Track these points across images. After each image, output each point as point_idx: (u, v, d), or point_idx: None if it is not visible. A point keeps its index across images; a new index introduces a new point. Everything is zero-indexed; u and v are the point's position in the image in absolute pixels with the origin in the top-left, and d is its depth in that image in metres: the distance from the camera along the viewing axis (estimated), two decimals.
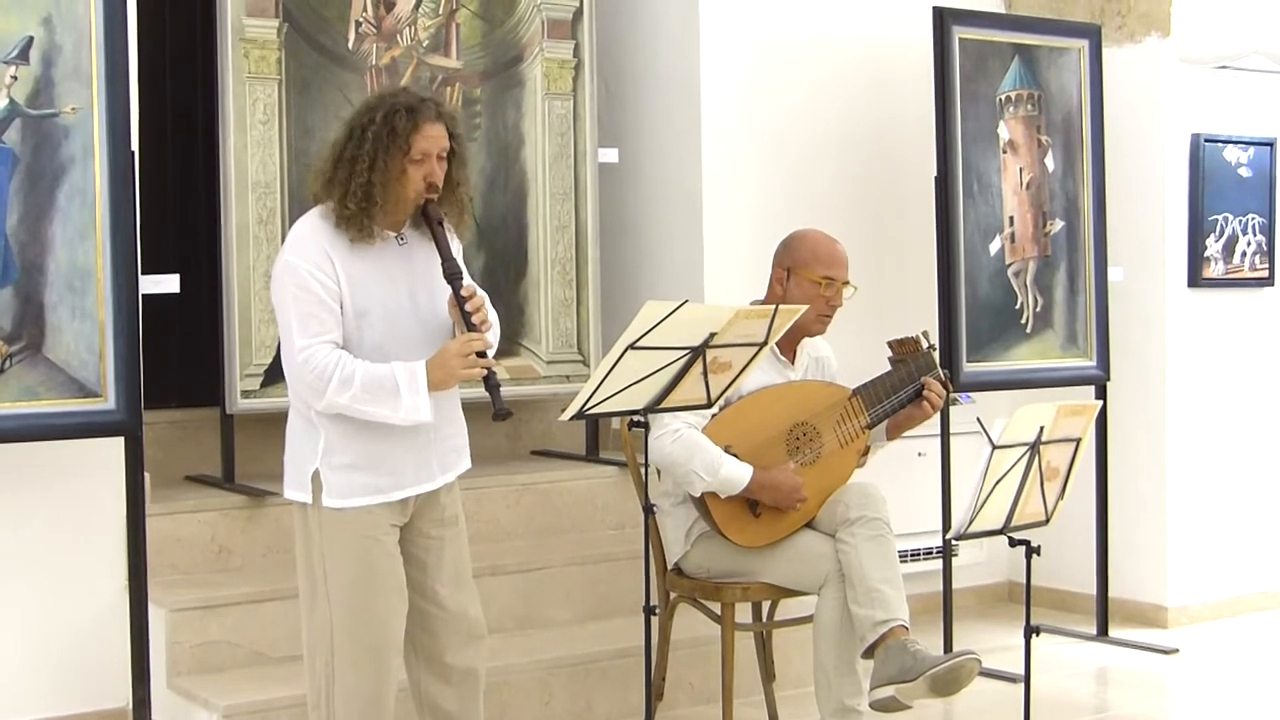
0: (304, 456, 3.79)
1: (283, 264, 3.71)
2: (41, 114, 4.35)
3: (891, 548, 4.43)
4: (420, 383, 3.66)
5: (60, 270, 4.35)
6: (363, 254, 3.72)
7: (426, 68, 5.69)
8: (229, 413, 5.39)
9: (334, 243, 3.70)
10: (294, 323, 3.66)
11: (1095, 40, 6.31)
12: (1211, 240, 6.57)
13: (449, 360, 3.68)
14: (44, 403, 4.33)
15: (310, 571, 3.81)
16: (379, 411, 3.67)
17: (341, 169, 3.71)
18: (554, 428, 6.41)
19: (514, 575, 5.36)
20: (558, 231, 6.01)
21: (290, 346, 3.68)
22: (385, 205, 3.70)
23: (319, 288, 3.66)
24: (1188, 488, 6.57)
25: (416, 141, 3.70)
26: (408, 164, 3.70)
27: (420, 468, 3.84)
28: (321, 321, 3.67)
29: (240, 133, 5.33)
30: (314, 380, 3.64)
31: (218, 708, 4.49)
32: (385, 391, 3.65)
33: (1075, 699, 5.55)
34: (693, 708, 5.16)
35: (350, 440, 3.74)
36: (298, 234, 3.75)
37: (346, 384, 3.62)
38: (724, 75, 6.20)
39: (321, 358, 3.63)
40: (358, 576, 3.76)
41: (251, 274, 5.35)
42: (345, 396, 3.63)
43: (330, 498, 3.74)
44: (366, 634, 3.77)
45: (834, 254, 4.66)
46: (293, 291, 3.66)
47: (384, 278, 3.75)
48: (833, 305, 4.65)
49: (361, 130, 3.72)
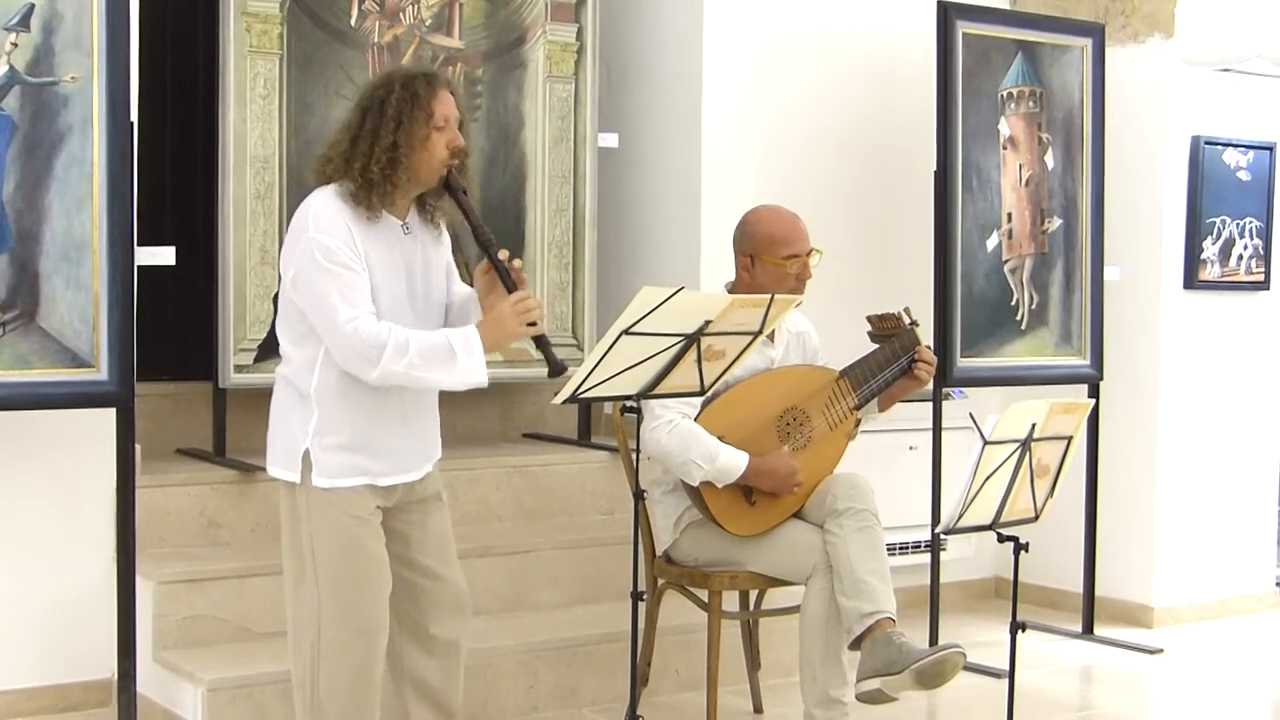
0: (294, 434, 3.76)
1: (309, 241, 3.63)
2: (41, 82, 4.34)
3: (879, 540, 4.43)
4: (475, 345, 3.65)
5: (56, 240, 4.34)
6: (375, 236, 3.70)
7: (428, 46, 5.68)
8: (221, 387, 5.39)
9: (352, 220, 3.67)
10: (334, 297, 3.60)
11: (1098, 39, 6.31)
12: (1208, 243, 6.57)
13: (505, 320, 3.68)
14: (36, 372, 4.33)
15: (298, 550, 3.80)
16: (435, 376, 3.66)
17: (363, 142, 3.66)
18: (546, 411, 6.41)
19: (502, 557, 5.36)
20: (556, 215, 6.00)
21: (334, 320, 3.60)
22: (410, 172, 3.68)
23: (350, 259, 3.63)
24: (1177, 489, 6.58)
25: (438, 107, 3.69)
26: (431, 129, 3.68)
27: (408, 455, 3.85)
28: (360, 292, 3.63)
29: (240, 107, 5.32)
30: (366, 349, 3.59)
31: (203, 681, 4.49)
32: (441, 356, 3.64)
33: (1059, 696, 5.57)
34: (677, 694, 5.17)
35: (344, 421, 3.73)
36: (319, 211, 3.67)
37: (402, 350, 3.60)
38: (726, 64, 6.19)
39: (370, 327, 3.60)
40: (346, 558, 3.75)
41: (248, 248, 5.34)
42: (401, 363, 3.60)
43: (320, 477, 3.72)
44: (355, 616, 3.76)
45: (793, 230, 4.63)
46: (326, 266, 3.60)
47: (391, 264, 3.74)
48: (803, 278, 4.63)
49: (380, 102, 3.68)
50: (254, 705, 4.50)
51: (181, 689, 4.61)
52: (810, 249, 4.63)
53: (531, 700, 4.99)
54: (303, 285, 3.66)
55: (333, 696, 3.78)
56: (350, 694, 3.78)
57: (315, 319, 3.66)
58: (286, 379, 3.80)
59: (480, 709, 4.89)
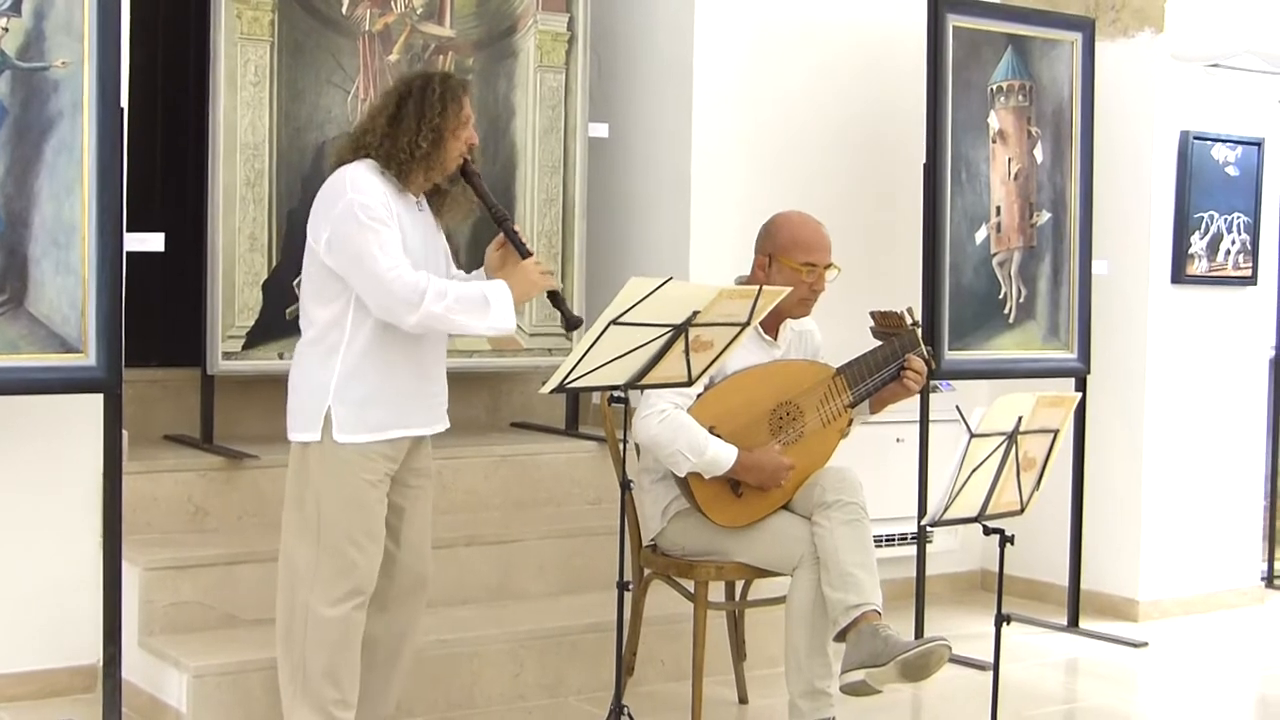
0: (317, 395, 4.02)
1: (349, 202, 3.93)
2: (31, 67, 4.33)
3: (867, 532, 4.44)
4: (506, 297, 4.02)
5: (45, 224, 4.33)
6: (403, 209, 4.03)
7: (419, 35, 5.68)
8: (210, 373, 5.39)
9: (388, 191, 4.00)
10: (375, 250, 3.90)
11: (1088, 34, 6.31)
12: (1196, 237, 6.58)
13: (530, 274, 4.08)
14: (24, 356, 4.32)
15: (302, 507, 4.03)
16: (469, 321, 3.99)
17: (405, 122, 4.03)
18: (534, 400, 6.41)
19: (489, 546, 5.37)
20: (545, 204, 6.00)
21: (376, 269, 3.89)
22: (440, 155, 4.06)
23: (388, 218, 3.96)
24: (1163, 482, 6.60)
25: (465, 104, 4.11)
26: (459, 124, 4.09)
27: (421, 412, 4.15)
28: (398, 246, 3.95)
29: (231, 93, 5.32)
30: (408, 294, 3.89)
31: (188, 668, 4.49)
32: (476, 303, 3.98)
33: (1044, 689, 5.58)
34: (663, 684, 5.17)
35: (365, 375, 4.01)
36: (355, 177, 3.99)
37: (441, 295, 3.92)
38: (717, 55, 6.20)
39: (410, 275, 3.91)
40: (350, 518, 4.00)
41: (237, 235, 5.34)
42: (441, 305, 3.92)
43: (341, 433, 3.98)
44: (352, 575, 4.00)
45: (815, 238, 4.66)
46: (366, 222, 3.91)
47: (410, 236, 4.04)
48: (815, 290, 4.65)
49: (420, 90, 4.06)
50: (239, 692, 4.50)
51: (167, 675, 4.60)
52: (829, 263, 4.64)
53: (517, 689, 4.99)
54: (340, 242, 3.95)
55: (318, 650, 3.98)
56: (334, 651, 3.99)
57: (355, 273, 3.94)
58: (310, 344, 4.06)
59: (466, 697, 4.89)
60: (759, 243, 4.72)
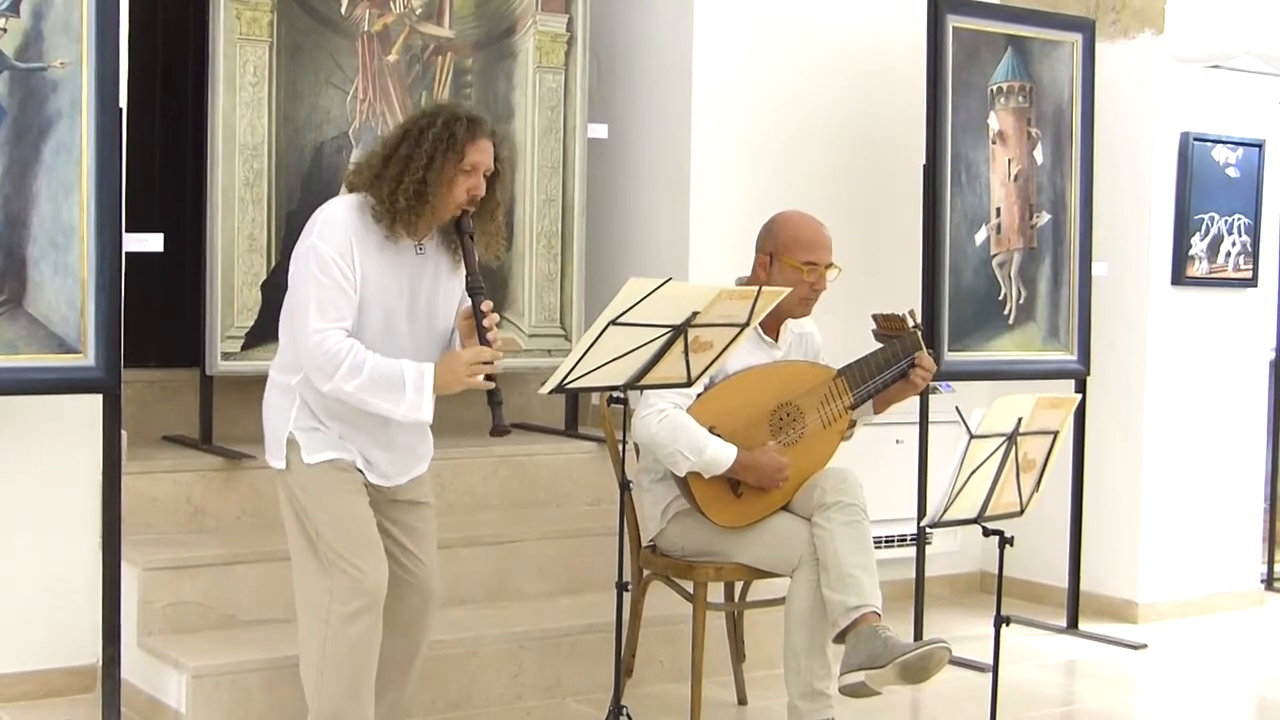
0: (278, 423, 3.95)
1: (309, 247, 3.82)
2: (30, 67, 4.33)
3: (866, 533, 4.43)
4: (426, 383, 3.80)
5: (44, 225, 4.33)
6: (381, 252, 3.86)
7: (419, 35, 5.68)
8: (208, 374, 5.39)
9: (360, 234, 3.84)
10: (311, 305, 3.78)
11: (1089, 35, 6.31)
12: (1196, 239, 6.58)
13: (458, 366, 3.83)
14: (23, 357, 4.31)
15: (302, 532, 3.94)
16: (382, 404, 3.81)
17: (394, 165, 3.84)
18: (533, 401, 6.41)
19: (488, 547, 5.36)
20: (545, 205, 6.00)
21: (305, 326, 3.79)
22: (432, 206, 3.84)
23: (340, 275, 3.79)
24: (1162, 484, 6.60)
25: (470, 152, 3.86)
26: (458, 172, 3.85)
27: (382, 464, 4.02)
28: (338, 308, 3.79)
29: (229, 94, 5.32)
30: (324, 363, 3.76)
31: (187, 668, 4.48)
32: (392, 385, 3.78)
33: (1043, 690, 5.58)
34: (661, 685, 5.17)
35: (325, 416, 3.92)
36: (327, 219, 3.85)
37: (355, 371, 3.75)
38: (716, 56, 6.19)
39: (334, 343, 3.76)
40: (349, 524, 3.90)
41: (236, 236, 5.34)
42: (352, 384, 3.76)
43: (308, 454, 3.88)
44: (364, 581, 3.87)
45: (817, 238, 4.66)
46: (315, 275, 3.78)
47: (393, 280, 3.89)
48: (816, 289, 4.65)
49: (420, 132, 3.85)
50: (238, 692, 4.50)
51: (166, 675, 4.60)
52: (830, 263, 4.64)
53: (515, 690, 4.99)
54: (292, 285, 3.86)
55: (337, 668, 3.89)
56: (356, 666, 3.90)
57: (291, 321, 3.85)
58: (279, 370, 3.98)
59: (464, 698, 4.89)
60: (760, 241, 4.71)
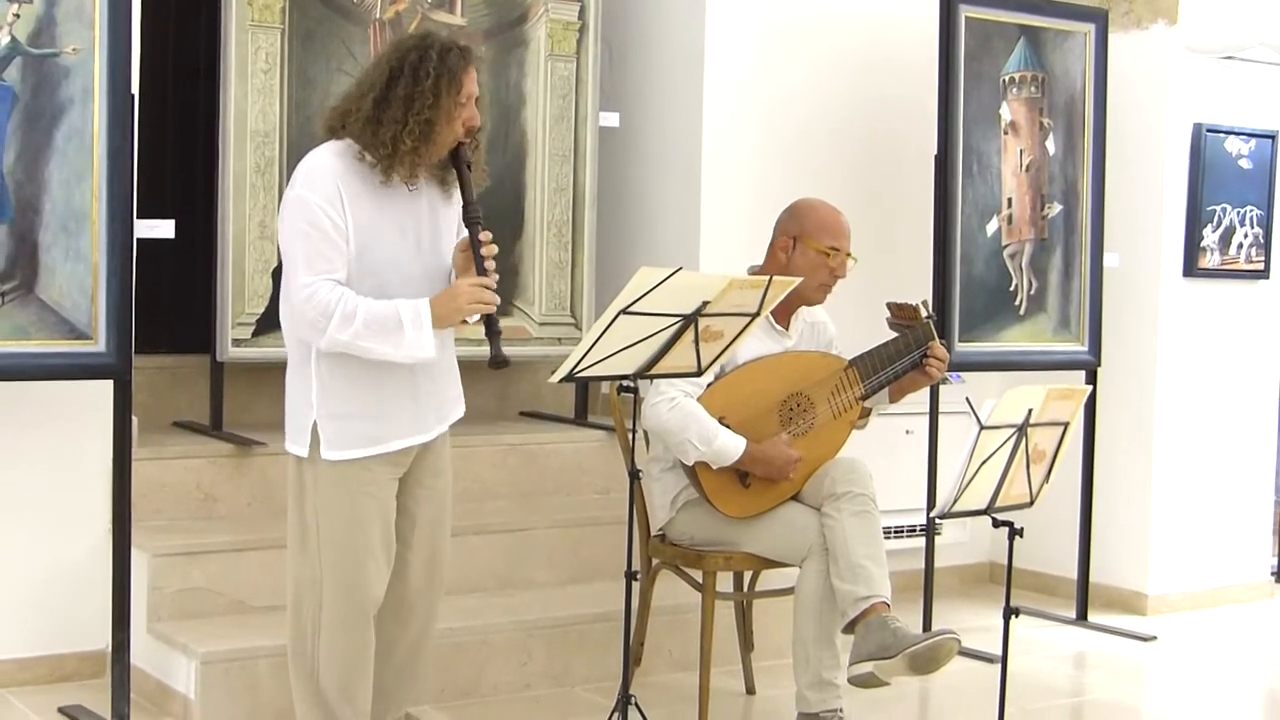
0: (301, 409, 3.79)
1: (294, 198, 3.67)
2: (42, 53, 4.33)
3: (876, 524, 4.43)
4: (424, 319, 3.64)
5: (56, 211, 4.33)
6: (375, 197, 3.71)
7: (430, 23, 5.67)
8: (219, 360, 5.39)
9: (346, 180, 3.68)
10: (299, 259, 3.64)
11: (1102, 25, 6.29)
12: (1209, 230, 6.56)
13: (458, 295, 3.68)
14: (34, 343, 4.32)
15: (302, 523, 3.84)
16: (381, 348, 3.64)
17: (393, 107, 3.64)
18: (543, 390, 6.40)
19: (497, 535, 5.37)
20: (555, 194, 5.99)
21: (294, 282, 3.65)
22: (436, 144, 3.69)
23: (329, 225, 3.63)
24: (1173, 476, 6.59)
25: (466, 83, 3.70)
26: (456, 105, 3.69)
27: (417, 418, 3.85)
28: (328, 259, 3.64)
29: (241, 81, 5.31)
30: (315, 316, 3.61)
31: (196, 654, 4.49)
32: (388, 328, 3.62)
33: (1052, 681, 5.57)
34: (670, 674, 5.17)
35: (346, 389, 3.74)
36: (312, 168, 3.70)
37: (349, 320, 3.59)
38: (728, 45, 6.18)
39: (324, 294, 3.60)
40: (352, 536, 3.78)
41: (247, 222, 5.34)
42: (347, 333, 3.60)
43: (329, 450, 3.74)
44: (356, 593, 3.81)
45: (840, 224, 4.67)
46: (303, 228, 3.63)
47: (391, 221, 3.74)
48: (836, 275, 4.65)
49: (414, 68, 3.66)
50: (247, 678, 4.51)
51: (175, 661, 4.61)
52: (850, 251, 4.65)
53: (524, 678, 4.99)
54: (283, 241, 3.73)
55: (330, 669, 3.84)
56: (346, 668, 3.84)
57: (286, 277, 3.70)
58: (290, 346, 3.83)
59: (473, 686, 4.89)
60: (782, 224, 4.70)
